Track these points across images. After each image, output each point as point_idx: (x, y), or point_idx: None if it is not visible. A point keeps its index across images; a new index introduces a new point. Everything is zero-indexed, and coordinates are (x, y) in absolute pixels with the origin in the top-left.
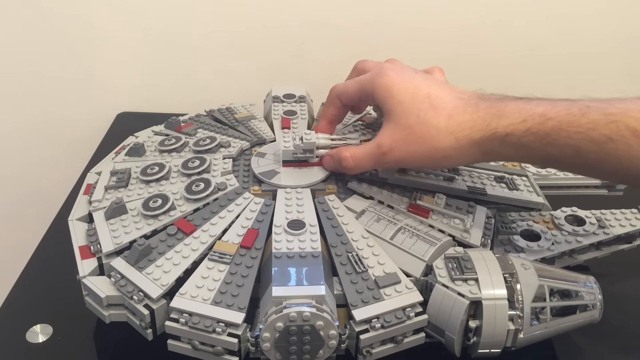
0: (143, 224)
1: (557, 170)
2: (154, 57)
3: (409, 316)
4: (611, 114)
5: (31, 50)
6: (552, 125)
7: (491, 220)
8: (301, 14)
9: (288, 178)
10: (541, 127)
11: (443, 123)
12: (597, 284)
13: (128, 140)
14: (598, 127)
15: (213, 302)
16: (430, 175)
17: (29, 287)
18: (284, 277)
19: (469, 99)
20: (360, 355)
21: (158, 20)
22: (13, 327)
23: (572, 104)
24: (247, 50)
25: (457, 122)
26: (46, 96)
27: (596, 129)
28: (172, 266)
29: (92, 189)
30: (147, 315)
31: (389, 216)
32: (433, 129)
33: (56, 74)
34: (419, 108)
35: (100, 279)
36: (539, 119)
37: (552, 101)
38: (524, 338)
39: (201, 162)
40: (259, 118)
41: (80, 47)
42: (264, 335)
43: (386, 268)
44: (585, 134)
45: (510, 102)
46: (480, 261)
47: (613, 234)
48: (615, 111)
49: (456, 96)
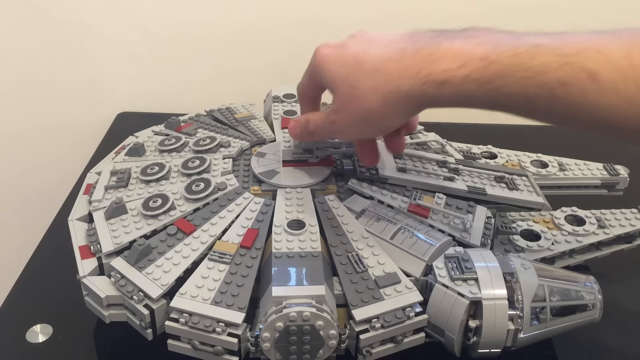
0: (143, 224)
1: (557, 172)
2: (154, 58)
3: (409, 316)
4: (564, 55)
5: (31, 51)
6: (496, 69)
7: (491, 220)
8: (301, 13)
9: (288, 178)
10: (483, 72)
11: (370, 80)
12: (597, 284)
13: (128, 140)
14: (549, 70)
15: (213, 302)
16: (431, 175)
17: (29, 287)
18: (284, 277)
19: (395, 44)
20: (360, 355)
21: (158, 20)
22: (13, 327)
23: (519, 41)
24: (247, 50)
25: (384, 75)
26: (46, 96)
27: (547, 72)
28: (172, 266)
29: (92, 189)
30: (147, 315)
31: (389, 216)
32: (362, 89)
33: (56, 74)
34: (348, 71)
35: (100, 278)
36: (480, 63)
37: (494, 37)
38: (524, 338)
39: (201, 162)
40: (259, 118)
41: (80, 48)
42: (264, 335)
43: (386, 268)
44: (535, 79)
45: (444, 42)
46: (480, 261)
47: (613, 234)
48: (569, 51)
49: (384, 44)
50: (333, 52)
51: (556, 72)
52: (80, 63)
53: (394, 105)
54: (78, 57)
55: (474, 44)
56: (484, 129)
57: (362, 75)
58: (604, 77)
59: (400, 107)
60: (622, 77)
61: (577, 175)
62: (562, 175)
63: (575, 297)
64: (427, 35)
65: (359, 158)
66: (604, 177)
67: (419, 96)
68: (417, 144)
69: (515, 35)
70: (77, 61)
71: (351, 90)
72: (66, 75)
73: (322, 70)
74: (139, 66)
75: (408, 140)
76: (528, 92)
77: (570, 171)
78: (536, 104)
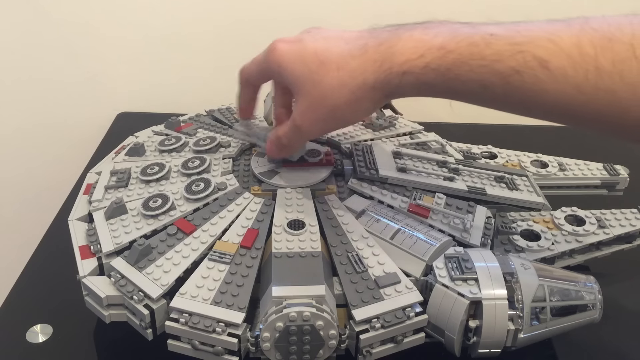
0: (143, 224)
1: (557, 172)
2: (154, 57)
3: (409, 316)
4: (517, 44)
5: (31, 51)
6: (453, 58)
7: (491, 220)
8: (301, 13)
9: (288, 178)
10: (441, 61)
11: (334, 78)
12: (597, 284)
13: (128, 140)
14: (503, 59)
15: (213, 302)
16: (431, 175)
17: (29, 287)
18: (284, 277)
19: (356, 40)
20: (360, 355)
21: (158, 20)
22: (13, 327)
23: (475, 31)
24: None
25: (347, 71)
26: (46, 96)
27: (501, 60)
28: (172, 266)
29: (92, 188)
30: (147, 315)
31: (389, 216)
32: (327, 87)
33: (56, 74)
34: (310, 70)
35: (100, 278)
36: (437, 53)
37: (452, 28)
38: (524, 338)
39: (201, 162)
40: (259, 118)
41: (80, 47)
42: (264, 335)
43: (386, 268)
44: (490, 67)
45: (404, 34)
46: (480, 261)
47: (613, 234)
48: (522, 40)
49: (344, 41)
50: (292, 48)
51: (510, 60)
52: (80, 63)
53: (361, 99)
54: (78, 57)
55: (432, 35)
56: (484, 129)
57: (325, 74)
58: (555, 65)
59: (367, 100)
60: (571, 65)
61: (577, 175)
62: (562, 175)
63: (575, 297)
64: (385, 30)
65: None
66: (604, 177)
67: (383, 87)
68: (417, 144)
69: (472, 25)
70: (77, 61)
71: (314, 89)
72: (66, 75)
73: (281, 69)
74: (139, 66)
75: (408, 140)
76: (484, 79)
77: (570, 171)
78: (492, 91)
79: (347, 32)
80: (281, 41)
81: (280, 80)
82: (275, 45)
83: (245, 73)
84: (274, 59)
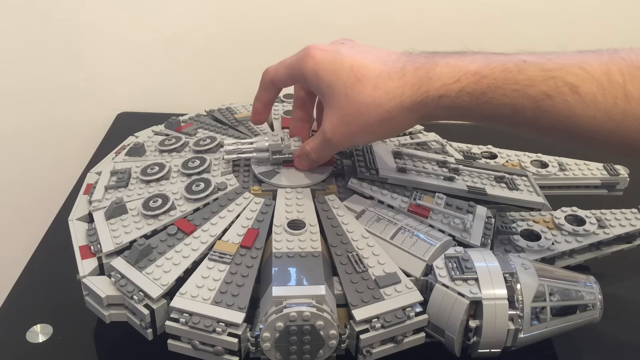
0: (143, 224)
1: (557, 172)
2: (154, 57)
3: (409, 316)
4: (549, 70)
5: (31, 51)
6: (488, 83)
7: (491, 220)
8: (301, 14)
9: (288, 178)
10: (476, 86)
11: (370, 96)
12: (597, 284)
13: (128, 140)
14: (535, 84)
15: (213, 302)
16: (431, 175)
17: (29, 287)
18: (284, 277)
19: (394, 62)
20: (360, 355)
21: (158, 20)
22: (13, 327)
23: (508, 59)
24: (247, 50)
25: (384, 91)
26: (46, 97)
27: (534, 85)
28: (172, 266)
29: (92, 188)
30: (147, 315)
31: (389, 216)
32: (362, 105)
33: (56, 75)
34: (345, 85)
35: (100, 278)
36: (473, 78)
37: (486, 56)
38: (524, 338)
39: (201, 162)
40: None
41: (80, 48)
42: (264, 335)
43: (386, 268)
44: (523, 92)
45: (440, 61)
46: (480, 261)
47: (613, 234)
48: (554, 66)
49: (381, 61)
50: (328, 58)
51: (541, 85)
52: (80, 63)
53: (396, 118)
54: (78, 57)
55: (467, 62)
56: (484, 129)
57: (361, 91)
58: (585, 90)
59: (401, 121)
60: (601, 91)
61: (577, 175)
62: (562, 175)
63: (575, 297)
64: (422, 56)
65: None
66: (604, 177)
67: (419, 109)
68: (417, 144)
69: (505, 54)
70: (77, 61)
71: (348, 104)
72: (66, 75)
73: (317, 77)
74: (139, 66)
75: (408, 140)
76: (516, 103)
77: (570, 171)
78: (523, 115)
79: (382, 50)
80: (317, 48)
81: (309, 87)
82: (311, 52)
83: (270, 74)
84: (310, 65)
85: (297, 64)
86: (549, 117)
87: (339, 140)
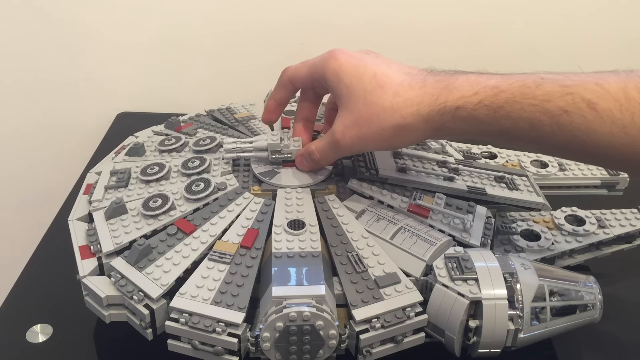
0: (143, 224)
1: (557, 172)
2: (154, 57)
3: (409, 316)
4: (567, 86)
5: (31, 51)
6: (506, 97)
7: (491, 220)
8: (301, 14)
9: (288, 178)
10: (494, 99)
11: (388, 102)
12: (597, 284)
13: (128, 140)
14: (553, 99)
15: (213, 302)
16: (431, 175)
17: (29, 287)
18: (284, 277)
19: (416, 75)
20: (360, 355)
21: (158, 20)
22: (13, 327)
23: (527, 76)
24: (247, 50)
25: (403, 99)
26: (46, 97)
27: (551, 100)
28: (172, 266)
29: (92, 189)
30: (147, 315)
31: (389, 216)
32: (379, 109)
33: (56, 75)
34: (366, 89)
35: (100, 278)
36: (491, 91)
37: (505, 74)
38: (524, 338)
39: (201, 162)
40: (259, 118)
41: (80, 48)
42: (264, 335)
43: (386, 268)
44: (540, 106)
45: (460, 76)
46: (480, 261)
47: (613, 234)
48: (571, 83)
49: (404, 72)
50: (352, 62)
51: (559, 101)
52: (80, 63)
53: (410, 125)
54: (78, 57)
55: (486, 77)
56: None
57: (381, 96)
58: (602, 107)
59: (414, 129)
60: (618, 107)
61: (577, 175)
62: (562, 175)
63: (575, 297)
64: (443, 72)
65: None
66: (604, 177)
67: (435, 120)
68: (417, 144)
69: (524, 73)
70: (77, 61)
71: (365, 108)
72: (66, 75)
73: (338, 78)
74: (139, 66)
75: None
76: (534, 118)
77: (570, 171)
78: (540, 129)
79: (405, 64)
80: (342, 52)
81: (329, 89)
82: (336, 55)
83: (290, 73)
84: (333, 66)
85: (320, 64)
86: (566, 132)
87: (348, 143)
